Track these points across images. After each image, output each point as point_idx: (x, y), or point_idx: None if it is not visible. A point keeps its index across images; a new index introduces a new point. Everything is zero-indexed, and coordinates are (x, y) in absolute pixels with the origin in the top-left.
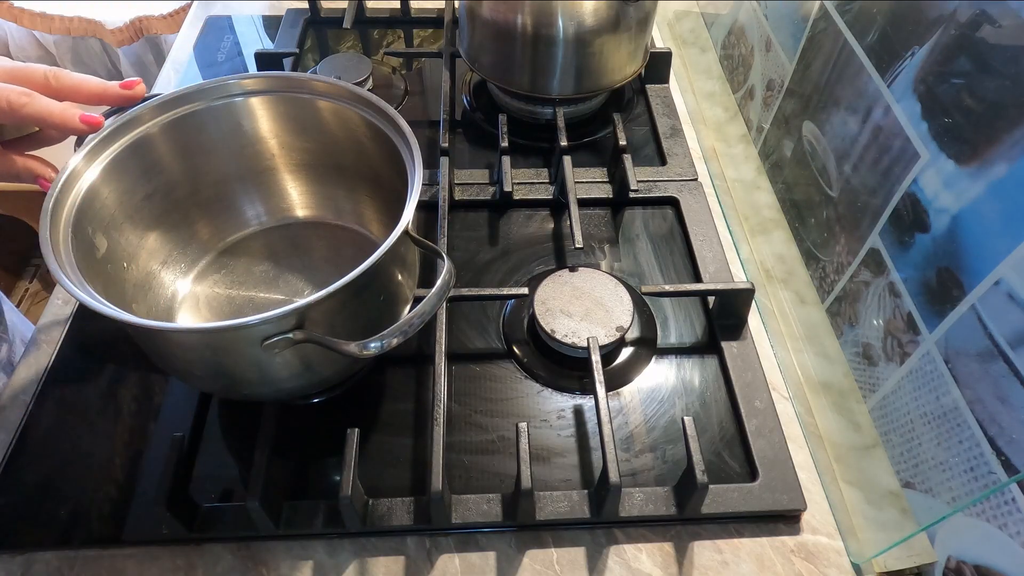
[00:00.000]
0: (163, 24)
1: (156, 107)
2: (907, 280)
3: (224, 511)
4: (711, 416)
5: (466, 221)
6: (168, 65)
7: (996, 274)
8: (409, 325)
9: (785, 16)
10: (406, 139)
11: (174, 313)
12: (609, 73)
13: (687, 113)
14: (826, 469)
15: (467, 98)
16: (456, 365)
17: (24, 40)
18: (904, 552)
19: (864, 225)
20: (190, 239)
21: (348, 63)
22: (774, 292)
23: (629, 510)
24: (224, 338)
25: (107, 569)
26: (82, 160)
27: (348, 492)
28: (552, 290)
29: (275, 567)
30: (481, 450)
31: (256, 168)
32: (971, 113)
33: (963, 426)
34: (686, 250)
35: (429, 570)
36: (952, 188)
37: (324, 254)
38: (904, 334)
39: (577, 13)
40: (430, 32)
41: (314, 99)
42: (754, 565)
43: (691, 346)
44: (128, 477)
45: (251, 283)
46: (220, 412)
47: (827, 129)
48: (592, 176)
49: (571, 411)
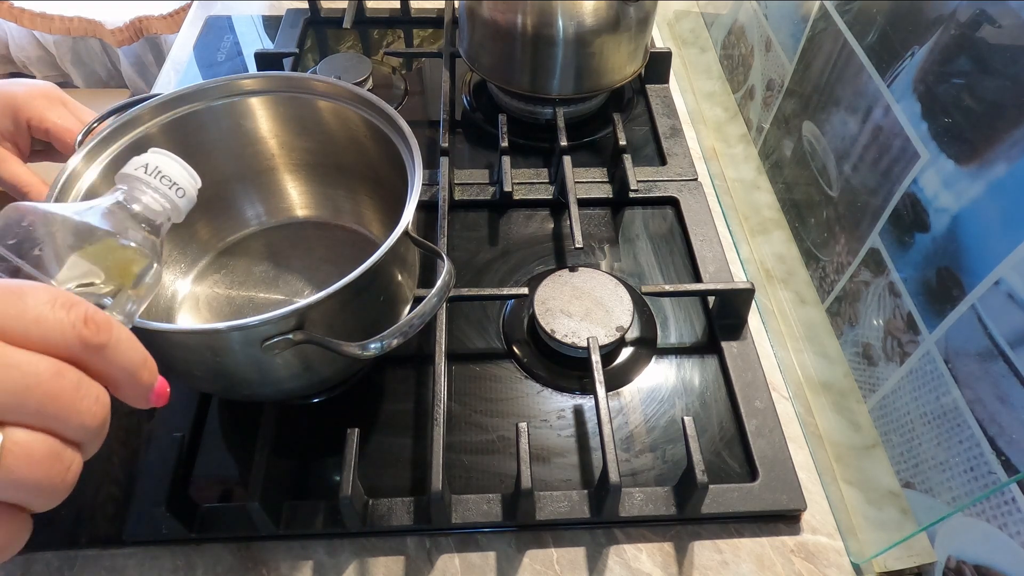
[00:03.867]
0: (163, 24)
1: (156, 107)
2: (907, 280)
3: (224, 511)
4: (711, 416)
5: (466, 221)
6: (168, 65)
7: (996, 274)
8: (409, 326)
9: (785, 16)
10: (406, 139)
11: (174, 314)
12: (609, 73)
13: (687, 113)
14: (826, 469)
15: (467, 98)
16: (456, 365)
17: (24, 40)
18: (904, 552)
19: (864, 225)
20: (190, 239)
21: (348, 63)
22: (774, 292)
23: (629, 510)
24: (224, 339)
25: (107, 569)
26: (82, 160)
27: (348, 492)
28: (552, 290)
29: (275, 567)
30: (481, 450)
31: (256, 168)
32: (971, 113)
33: (963, 426)
34: (686, 250)
35: (429, 570)
36: (952, 188)
37: (324, 254)
38: (904, 334)
39: (577, 13)
40: (430, 32)
41: (314, 99)
42: (754, 565)
43: (691, 346)
44: (128, 477)
45: (251, 283)
46: (220, 412)
47: (827, 129)
48: (592, 176)
49: (571, 411)
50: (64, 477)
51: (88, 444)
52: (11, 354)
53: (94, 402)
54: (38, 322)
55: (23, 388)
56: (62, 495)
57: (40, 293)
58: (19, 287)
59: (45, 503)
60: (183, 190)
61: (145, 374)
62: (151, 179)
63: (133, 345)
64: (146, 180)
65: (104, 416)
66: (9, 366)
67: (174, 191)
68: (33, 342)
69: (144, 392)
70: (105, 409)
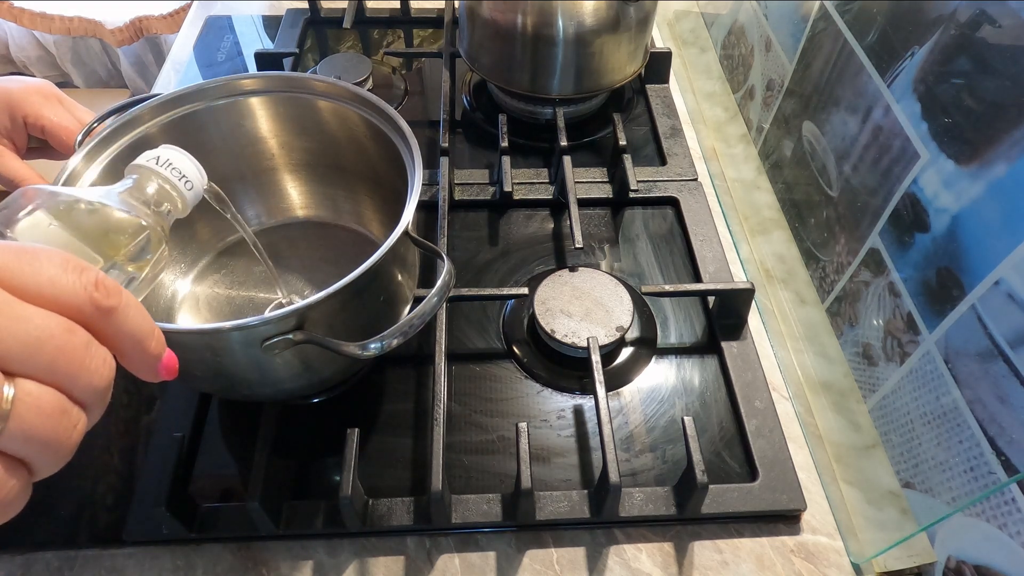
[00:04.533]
0: (163, 24)
1: (156, 107)
2: (907, 280)
3: (224, 511)
4: (711, 416)
5: (466, 221)
6: (168, 65)
7: (996, 274)
8: (409, 326)
9: (785, 16)
10: (406, 139)
11: (174, 313)
12: (609, 73)
13: (687, 113)
14: (826, 469)
15: (467, 98)
16: (456, 365)
17: (24, 40)
18: (904, 552)
19: (864, 225)
20: (190, 239)
21: (348, 63)
22: (774, 292)
23: (629, 510)
24: (224, 339)
25: (107, 569)
26: (82, 160)
27: (348, 492)
28: (552, 290)
29: (275, 567)
30: (481, 450)
31: (256, 168)
32: (971, 113)
33: (963, 426)
34: (686, 250)
35: (429, 570)
36: (952, 188)
37: (324, 254)
38: (904, 334)
39: (577, 13)
40: (430, 32)
41: (314, 99)
42: (754, 565)
43: (691, 346)
44: (128, 477)
45: (251, 283)
46: (220, 412)
47: (827, 129)
48: (592, 176)
49: (571, 411)
50: (70, 435)
51: (93, 407)
52: (26, 309)
53: (102, 363)
54: (52, 282)
55: (36, 341)
56: (66, 455)
57: (54, 256)
58: (34, 249)
59: (50, 461)
60: (191, 183)
61: (153, 344)
62: (161, 169)
63: (142, 313)
64: (156, 170)
65: (110, 379)
66: (24, 319)
67: (183, 183)
68: (46, 300)
69: (152, 362)
70: (111, 372)
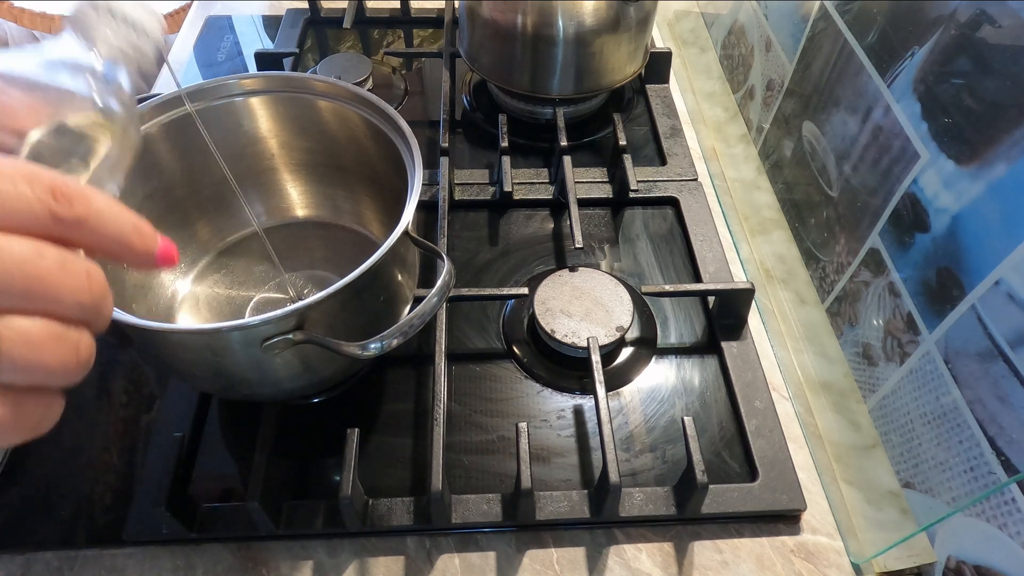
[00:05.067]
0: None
1: (156, 107)
2: (907, 280)
3: (224, 511)
4: (711, 416)
5: (466, 221)
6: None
7: (996, 274)
8: (409, 326)
9: (785, 16)
10: (406, 139)
11: (174, 313)
12: (609, 73)
13: (687, 113)
14: (826, 469)
15: (467, 98)
16: (456, 365)
17: (24, 40)
18: (904, 552)
19: (864, 225)
20: (190, 239)
21: (348, 63)
22: (774, 292)
23: (629, 510)
24: (224, 339)
25: (107, 569)
26: None
27: (348, 492)
28: (552, 290)
29: (275, 567)
30: (481, 450)
31: (256, 168)
32: (971, 113)
33: (963, 426)
34: (686, 250)
35: (429, 570)
36: (952, 188)
37: (324, 254)
38: (904, 334)
39: (577, 13)
40: (430, 32)
41: (314, 99)
42: (754, 565)
43: (691, 346)
44: (128, 477)
45: (251, 283)
46: (220, 412)
47: (827, 129)
48: (592, 176)
49: (571, 411)
50: (76, 356)
51: (93, 321)
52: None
53: (86, 278)
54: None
55: (2, 273)
56: (79, 372)
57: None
58: None
59: (63, 381)
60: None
61: (136, 239)
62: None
63: (116, 211)
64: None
65: (100, 290)
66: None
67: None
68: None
69: (144, 257)
70: (99, 283)
